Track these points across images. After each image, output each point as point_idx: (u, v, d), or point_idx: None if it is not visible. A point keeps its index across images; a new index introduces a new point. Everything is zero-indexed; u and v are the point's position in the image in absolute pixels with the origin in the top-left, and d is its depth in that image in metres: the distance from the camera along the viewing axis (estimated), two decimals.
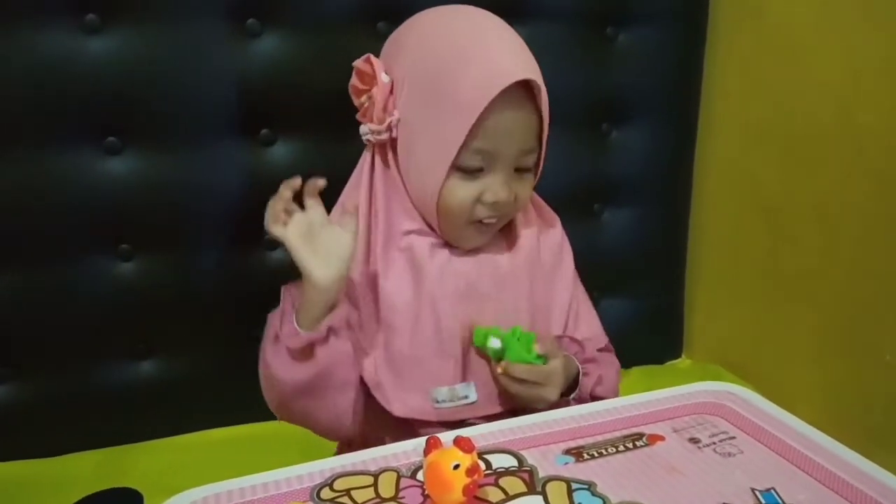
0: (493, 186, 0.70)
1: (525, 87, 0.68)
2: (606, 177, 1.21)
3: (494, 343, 0.70)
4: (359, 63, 0.71)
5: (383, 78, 0.69)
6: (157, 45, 0.96)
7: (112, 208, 0.99)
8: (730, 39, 1.19)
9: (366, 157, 0.75)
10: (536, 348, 0.70)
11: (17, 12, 0.91)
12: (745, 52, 1.18)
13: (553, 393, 0.71)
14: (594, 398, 0.74)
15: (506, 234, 0.77)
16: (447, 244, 0.74)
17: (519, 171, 0.71)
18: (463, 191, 0.69)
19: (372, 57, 0.71)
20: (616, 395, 0.77)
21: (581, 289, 0.83)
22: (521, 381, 0.69)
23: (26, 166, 0.95)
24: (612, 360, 0.81)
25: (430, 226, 0.74)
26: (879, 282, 1.03)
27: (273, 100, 1.01)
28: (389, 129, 0.70)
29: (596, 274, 1.22)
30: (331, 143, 1.02)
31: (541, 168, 0.75)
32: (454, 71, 0.67)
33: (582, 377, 0.75)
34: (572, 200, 1.18)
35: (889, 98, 0.98)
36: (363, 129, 0.72)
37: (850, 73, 1.03)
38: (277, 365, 0.68)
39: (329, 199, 0.79)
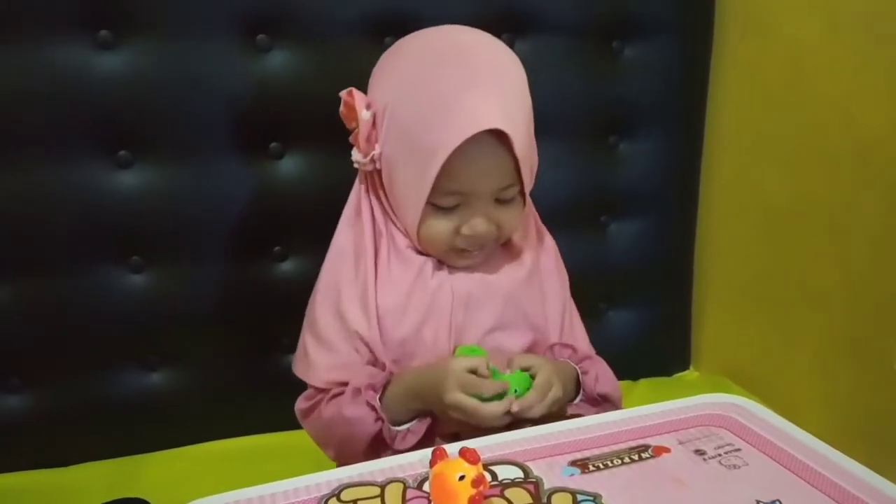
0: (471, 221, 0.71)
1: (499, 133, 0.68)
2: (613, 189, 1.21)
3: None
4: (343, 95, 0.73)
5: (364, 115, 0.71)
6: (168, 60, 0.97)
7: (123, 221, 1.01)
8: (735, 51, 1.20)
9: (359, 180, 0.78)
10: (512, 365, 0.71)
11: (32, 28, 0.93)
12: (750, 63, 1.18)
13: (559, 390, 0.71)
14: (601, 396, 0.75)
15: (506, 250, 0.77)
16: (449, 272, 0.75)
17: (501, 201, 0.72)
18: (439, 225, 0.71)
19: (354, 91, 0.72)
20: (619, 390, 0.78)
21: (571, 302, 0.84)
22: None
23: (39, 178, 0.97)
24: (606, 364, 0.81)
25: None
26: (888, 293, 1.03)
27: (282, 114, 1.03)
28: (373, 161, 0.72)
29: (603, 286, 1.23)
30: (339, 156, 1.01)
31: (528, 193, 0.75)
32: (428, 116, 0.68)
33: (582, 377, 0.75)
34: (579, 212, 1.19)
35: (892, 107, 0.98)
36: (353, 154, 0.74)
37: (855, 84, 1.03)
38: (376, 453, 0.71)
39: (335, 211, 0.80)
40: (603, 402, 0.75)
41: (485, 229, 0.71)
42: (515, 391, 0.69)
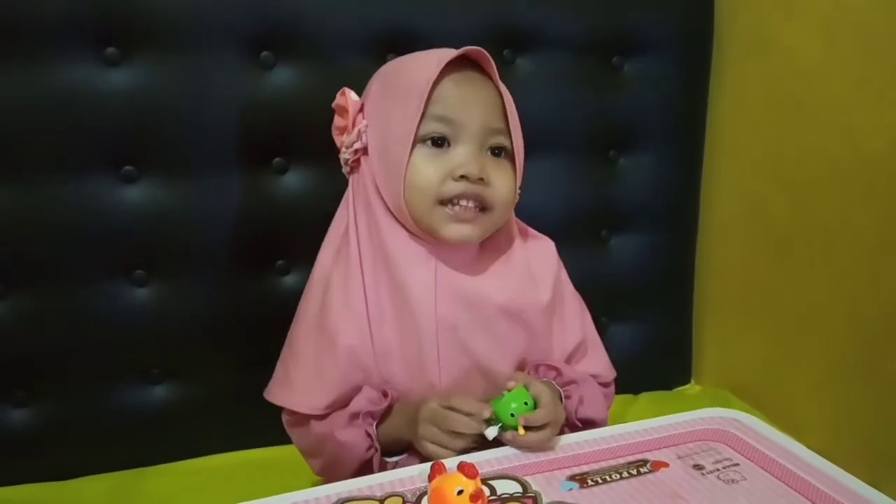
0: (461, 158, 0.69)
1: (479, 70, 0.71)
2: (614, 203, 1.22)
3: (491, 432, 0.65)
4: (336, 101, 0.76)
5: (352, 97, 0.75)
6: (174, 77, 0.98)
7: (127, 235, 1.01)
8: (735, 67, 1.20)
9: (346, 194, 0.78)
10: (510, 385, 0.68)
11: (41, 45, 0.94)
12: (750, 79, 1.19)
13: (561, 413, 0.70)
14: (582, 421, 0.73)
15: (497, 267, 0.75)
16: (436, 270, 0.72)
17: (494, 154, 0.71)
18: (429, 166, 0.69)
19: (345, 89, 0.75)
20: (604, 414, 0.76)
21: (589, 321, 0.82)
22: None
23: (44, 192, 0.97)
24: (597, 386, 0.78)
25: (414, 235, 0.72)
26: (888, 309, 1.03)
27: (286, 129, 1.03)
28: (359, 135, 0.73)
29: (604, 300, 1.23)
30: (342, 171, 1.04)
31: (522, 164, 0.73)
32: (406, 63, 0.74)
33: (565, 401, 0.73)
34: (580, 227, 1.19)
35: (893, 124, 0.99)
36: (343, 151, 0.76)
37: (855, 100, 1.04)
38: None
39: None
40: (586, 427, 0.73)
41: (476, 170, 0.68)
42: (512, 414, 0.65)
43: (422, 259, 0.72)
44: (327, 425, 0.72)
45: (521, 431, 0.64)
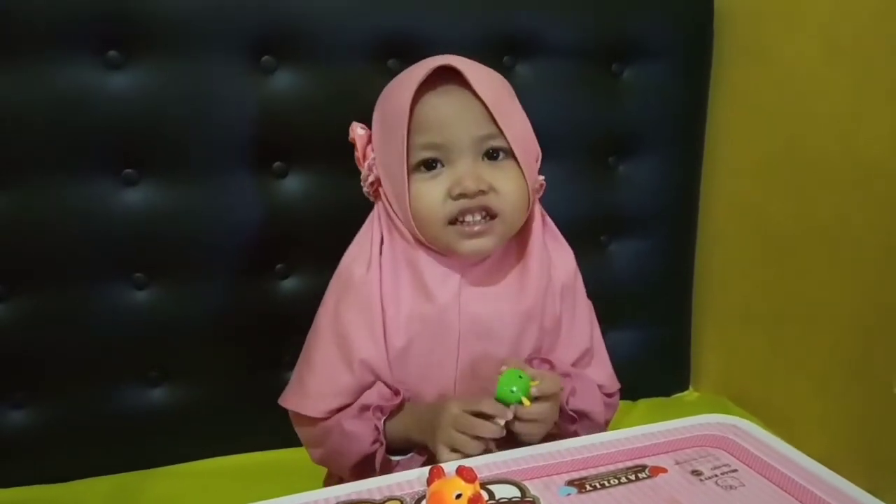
0: (456, 176, 0.69)
1: (458, 79, 0.69)
2: (613, 209, 1.22)
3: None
4: (350, 135, 0.76)
5: (359, 131, 0.75)
6: (175, 80, 0.98)
7: (128, 238, 1.02)
8: (734, 73, 1.21)
9: (371, 216, 0.78)
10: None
11: (43, 48, 0.94)
12: (749, 85, 1.19)
13: (561, 389, 0.71)
14: (575, 412, 0.74)
15: (517, 276, 0.76)
16: (460, 283, 0.74)
17: (491, 158, 0.71)
18: (429, 193, 0.70)
19: (353, 124, 0.76)
20: (599, 408, 0.77)
21: (597, 332, 0.83)
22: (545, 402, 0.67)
23: (45, 195, 0.98)
24: (592, 381, 0.78)
25: (438, 253, 0.74)
26: (888, 314, 1.03)
27: (287, 133, 1.04)
28: (371, 170, 0.74)
29: (603, 306, 1.22)
30: (342, 175, 1.04)
31: (528, 156, 0.73)
32: (391, 89, 0.74)
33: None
34: (579, 232, 1.17)
35: (892, 130, 0.99)
36: (364, 189, 0.77)
37: (853, 106, 1.04)
38: (360, 474, 0.70)
39: (337, 229, 0.81)
40: (581, 420, 0.74)
41: (473, 184, 0.68)
42: (512, 390, 0.65)
43: (447, 274, 0.74)
44: (335, 417, 0.73)
45: (527, 403, 0.64)
